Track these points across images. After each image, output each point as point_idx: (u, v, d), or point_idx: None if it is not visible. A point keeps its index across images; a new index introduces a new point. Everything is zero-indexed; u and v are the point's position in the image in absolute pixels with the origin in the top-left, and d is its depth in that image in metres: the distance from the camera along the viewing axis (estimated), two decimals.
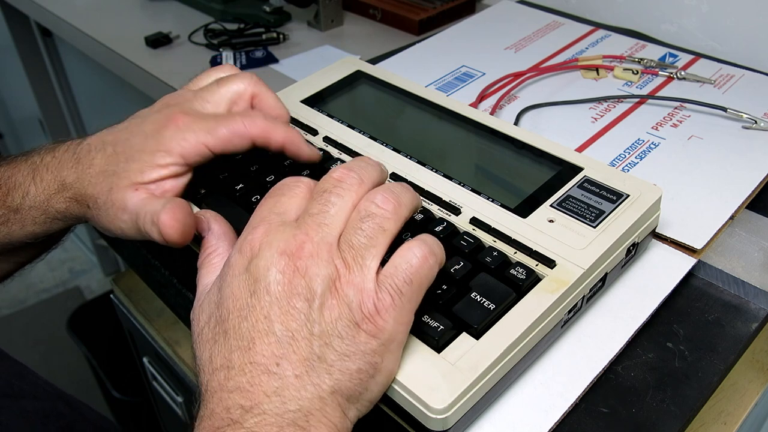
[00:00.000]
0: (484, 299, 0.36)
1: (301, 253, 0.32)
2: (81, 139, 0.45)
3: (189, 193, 0.46)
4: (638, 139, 0.55)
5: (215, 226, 0.40)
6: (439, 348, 0.34)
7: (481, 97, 0.62)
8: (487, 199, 0.43)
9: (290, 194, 0.36)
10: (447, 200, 0.43)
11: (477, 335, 0.35)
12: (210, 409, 0.31)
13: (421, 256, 0.33)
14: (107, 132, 0.44)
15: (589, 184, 0.43)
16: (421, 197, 0.44)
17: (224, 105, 0.45)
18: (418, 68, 0.68)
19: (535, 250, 0.39)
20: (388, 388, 0.34)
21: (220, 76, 0.47)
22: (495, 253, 0.39)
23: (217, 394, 0.31)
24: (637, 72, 0.63)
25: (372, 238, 0.33)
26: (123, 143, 0.42)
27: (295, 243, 0.32)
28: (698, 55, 0.66)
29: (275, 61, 0.82)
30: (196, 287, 0.38)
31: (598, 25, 0.74)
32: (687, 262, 0.44)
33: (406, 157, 0.47)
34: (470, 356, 0.34)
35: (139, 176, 0.41)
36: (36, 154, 0.46)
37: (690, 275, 0.45)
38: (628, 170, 0.52)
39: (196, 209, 0.44)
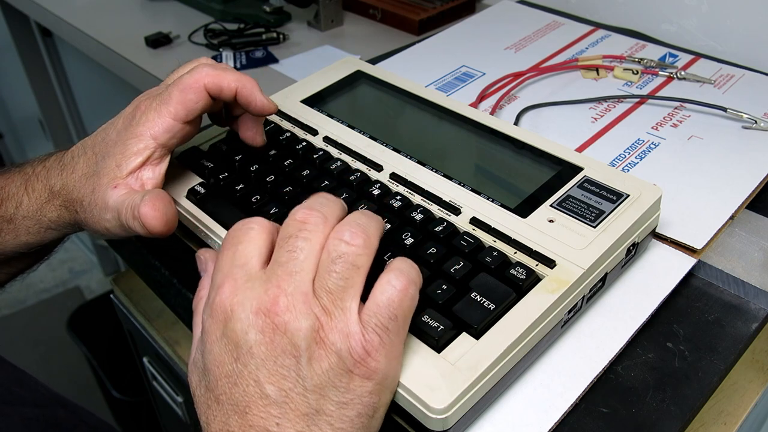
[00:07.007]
0: (484, 299, 0.36)
1: (276, 309, 0.30)
2: (69, 148, 0.45)
3: (189, 194, 0.46)
4: (638, 139, 0.55)
5: (211, 267, 0.38)
6: (439, 348, 0.34)
7: (481, 97, 0.62)
8: (487, 199, 0.43)
9: (246, 240, 0.34)
10: (447, 200, 0.43)
11: (477, 335, 0.35)
12: None
13: (401, 288, 0.32)
14: (88, 137, 0.45)
15: (589, 184, 0.43)
16: (422, 197, 0.44)
17: None
18: (418, 68, 0.68)
19: (535, 250, 0.39)
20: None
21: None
22: (495, 253, 0.39)
23: None
24: (637, 72, 0.63)
25: (348, 279, 0.31)
26: (100, 144, 0.43)
27: (268, 299, 0.31)
28: (698, 55, 0.66)
29: (275, 61, 0.82)
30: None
31: (598, 25, 0.74)
32: (687, 262, 0.44)
33: (406, 157, 0.47)
34: (470, 356, 0.34)
35: (116, 171, 0.41)
36: (29, 165, 0.46)
37: (690, 275, 0.45)
38: (628, 170, 0.52)
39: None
